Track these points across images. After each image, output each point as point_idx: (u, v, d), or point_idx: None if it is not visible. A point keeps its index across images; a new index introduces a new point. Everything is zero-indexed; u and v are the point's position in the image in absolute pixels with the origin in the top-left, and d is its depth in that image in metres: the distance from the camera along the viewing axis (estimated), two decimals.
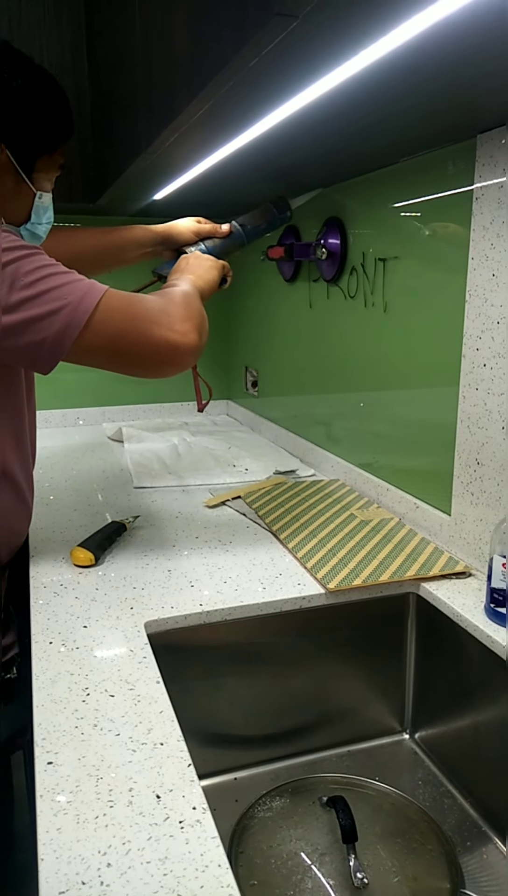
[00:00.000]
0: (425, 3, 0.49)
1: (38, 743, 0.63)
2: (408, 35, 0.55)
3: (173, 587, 0.94)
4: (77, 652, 0.78)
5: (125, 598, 0.91)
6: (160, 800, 0.57)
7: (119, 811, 0.55)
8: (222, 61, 0.60)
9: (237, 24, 0.56)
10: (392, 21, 0.52)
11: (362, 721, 1.02)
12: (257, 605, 0.91)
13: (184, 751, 0.62)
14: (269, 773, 0.96)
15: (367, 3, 0.49)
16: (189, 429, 1.90)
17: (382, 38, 0.56)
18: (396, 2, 0.48)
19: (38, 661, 0.76)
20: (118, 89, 1.17)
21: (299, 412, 1.64)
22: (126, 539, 1.11)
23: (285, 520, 1.16)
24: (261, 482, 1.39)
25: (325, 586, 0.93)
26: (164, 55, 0.84)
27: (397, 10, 0.50)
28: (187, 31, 0.72)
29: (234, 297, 2.02)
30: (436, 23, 0.52)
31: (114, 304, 0.82)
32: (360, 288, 1.28)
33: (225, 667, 0.93)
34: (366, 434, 1.32)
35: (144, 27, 0.94)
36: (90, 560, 1.00)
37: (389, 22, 0.52)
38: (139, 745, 0.63)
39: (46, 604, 0.89)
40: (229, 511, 1.25)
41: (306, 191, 1.24)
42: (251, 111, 0.77)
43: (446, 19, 0.51)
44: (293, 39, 0.54)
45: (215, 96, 0.68)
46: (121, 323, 0.82)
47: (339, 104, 0.74)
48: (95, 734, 0.64)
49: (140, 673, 0.74)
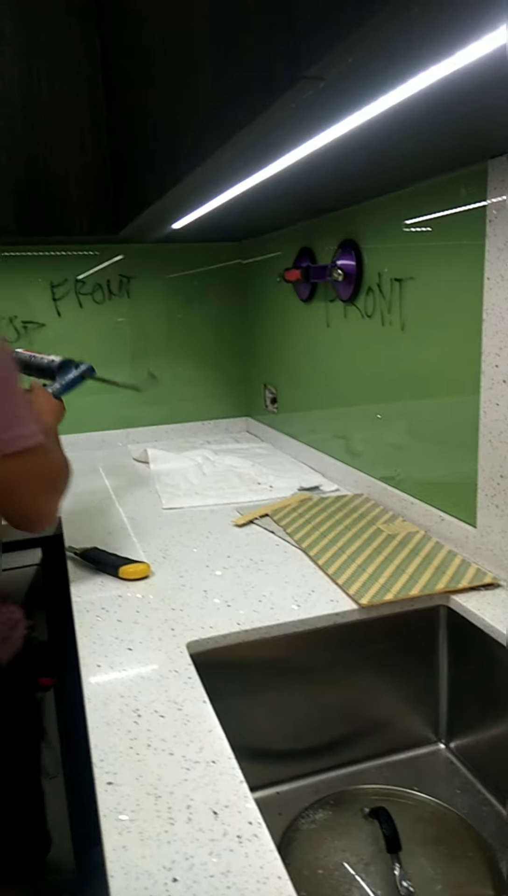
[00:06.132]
0: (444, 54, 0.52)
1: (97, 764, 0.66)
2: (428, 81, 0.58)
3: (211, 607, 0.97)
4: (125, 674, 0.81)
5: (165, 619, 0.94)
6: (217, 816, 0.60)
7: (180, 828, 0.59)
8: (250, 116, 0.64)
9: (265, 83, 0.60)
10: (415, 68, 0.55)
11: (397, 732, 1.04)
12: (293, 623, 0.94)
13: (235, 768, 0.65)
14: (310, 787, 0.99)
15: (388, 57, 0.52)
16: (211, 447, 1.94)
17: (401, 85, 0.59)
18: (417, 53, 0.52)
19: (88, 685, 0.79)
20: (138, 127, 1.22)
21: (318, 427, 1.67)
22: (161, 563, 1.14)
23: (314, 536, 1.19)
24: (286, 499, 1.42)
25: (358, 602, 0.96)
26: (187, 99, 0.88)
27: (418, 60, 0.54)
28: (212, 80, 0.76)
29: (252, 317, 2.06)
30: (454, 71, 0.56)
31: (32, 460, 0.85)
32: (377, 307, 1.31)
33: (264, 683, 0.96)
34: (386, 447, 1.35)
35: (164, 64, 0.99)
36: (145, 571, 1.06)
37: (411, 70, 0.56)
38: (192, 763, 0.66)
39: (91, 627, 0.93)
40: (257, 529, 1.28)
41: (323, 213, 1.28)
42: (275, 152, 0.81)
43: (460, 70, 0.55)
44: (319, 94, 0.58)
45: (242, 144, 0.72)
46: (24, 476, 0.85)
47: (357, 140, 0.78)
48: (150, 754, 0.68)
49: (187, 693, 0.77)
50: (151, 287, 2.01)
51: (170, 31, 0.92)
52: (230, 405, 2.19)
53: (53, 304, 1.92)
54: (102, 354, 2.00)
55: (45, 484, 0.89)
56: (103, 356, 2.00)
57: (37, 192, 1.55)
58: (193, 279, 2.04)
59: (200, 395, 2.14)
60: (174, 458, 1.79)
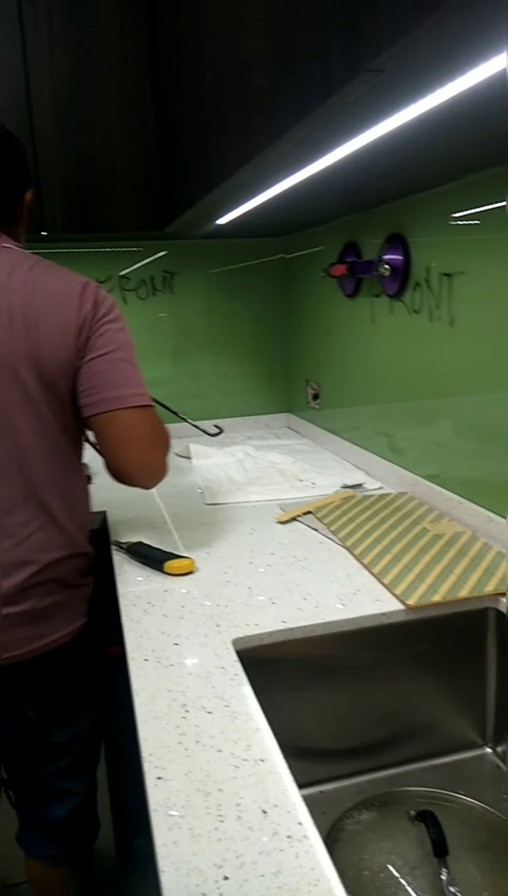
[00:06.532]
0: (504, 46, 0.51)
1: (146, 758, 0.67)
2: (488, 72, 0.57)
3: (255, 604, 0.97)
4: (172, 669, 0.82)
5: (211, 615, 0.95)
6: (267, 815, 0.60)
7: (229, 826, 0.59)
8: (307, 109, 0.63)
9: (324, 75, 0.59)
10: (475, 60, 0.54)
11: (443, 735, 1.03)
12: (338, 622, 0.93)
13: (284, 767, 0.65)
14: (353, 787, 0.98)
15: (449, 50, 0.51)
16: (252, 443, 1.94)
17: (460, 77, 0.58)
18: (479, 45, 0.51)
19: (136, 679, 0.80)
20: (186, 124, 1.22)
21: (361, 424, 1.65)
22: (205, 559, 1.15)
23: (358, 535, 1.18)
24: (329, 496, 1.41)
25: (404, 602, 0.95)
26: (239, 95, 0.87)
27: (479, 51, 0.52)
28: (267, 74, 0.75)
29: (294, 312, 2.05)
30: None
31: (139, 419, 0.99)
32: (424, 302, 1.29)
33: (308, 681, 0.96)
34: (430, 445, 1.33)
35: (215, 59, 0.98)
36: (190, 566, 1.08)
37: (471, 61, 0.54)
38: (241, 761, 0.66)
39: (138, 621, 0.94)
40: (300, 526, 1.28)
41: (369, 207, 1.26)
42: (326, 146, 0.80)
43: None
44: (378, 86, 0.57)
45: (296, 139, 0.71)
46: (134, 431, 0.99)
47: (410, 133, 0.76)
48: (198, 750, 0.68)
49: (233, 690, 0.77)
50: (194, 283, 2.02)
51: (222, 25, 0.92)
52: (271, 401, 2.19)
53: None
54: (144, 350, 2.01)
55: (157, 438, 1.02)
56: (145, 352, 2.01)
57: (85, 189, 1.57)
58: (234, 274, 2.04)
59: (240, 390, 2.14)
60: (216, 453, 1.80)
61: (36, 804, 1.16)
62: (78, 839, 1.20)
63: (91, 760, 1.17)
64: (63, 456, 1.00)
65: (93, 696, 1.14)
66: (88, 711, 1.12)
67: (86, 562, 1.09)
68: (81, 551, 1.05)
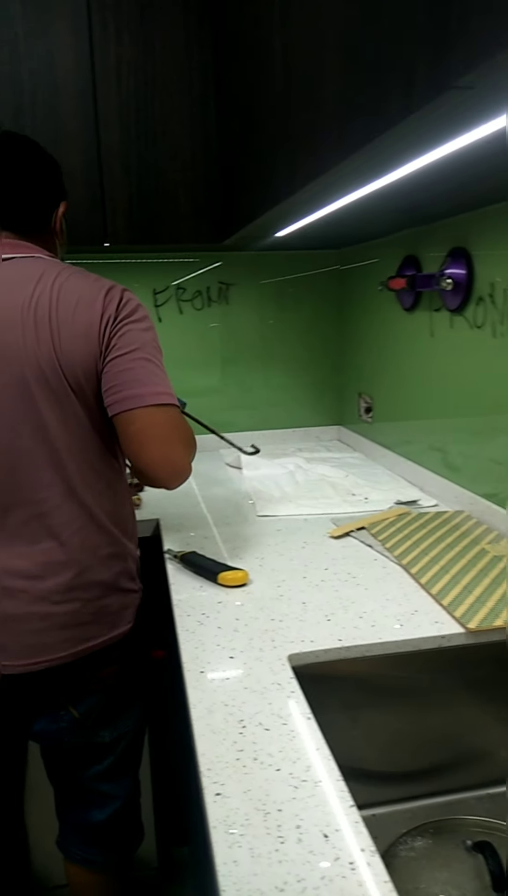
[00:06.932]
0: None
1: (204, 773, 0.67)
2: None
3: (311, 620, 0.96)
4: (228, 683, 0.81)
5: (265, 629, 0.94)
6: (328, 839, 0.59)
7: (290, 848, 0.58)
8: (386, 125, 0.62)
9: (406, 91, 0.58)
10: None
11: (502, 763, 1.00)
12: (396, 643, 0.91)
13: (344, 790, 0.64)
14: (406, 812, 0.96)
15: None
16: (303, 455, 1.93)
17: None
18: None
19: (192, 690, 0.80)
20: (251, 137, 1.23)
21: (415, 438, 1.63)
22: (258, 571, 1.14)
23: (414, 553, 1.16)
24: (384, 512, 1.39)
25: (465, 626, 0.92)
26: (309, 109, 0.88)
27: None
28: (342, 89, 0.75)
29: (348, 325, 2.04)
30: None
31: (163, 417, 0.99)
32: (488, 318, 1.27)
33: (363, 701, 0.94)
34: (488, 462, 1.30)
35: (286, 79, 0.99)
36: (244, 578, 1.07)
37: None
38: (300, 781, 0.65)
39: (193, 632, 0.94)
40: (353, 542, 1.26)
41: (431, 220, 1.25)
42: (399, 160, 0.79)
43: None
44: (463, 101, 0.56)
45: (369, 154, 0.70)
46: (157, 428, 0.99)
47: (486, 147, 0.75)
48: (257, 768, 0.67)
49: (291, 707, 0.76)
50: (247, 293, 2.03)
51: (296, 39, 0.92)
52: (322, 413, 2.17)
53: (155, 311, 1.97)
54: (194, 360, 2.03)
55: (180, 437, 1.01)
56: (194, 361, 2.03)
57: (147, 202, 1.60)
58: (288, 286, 2.04)
59: (290, 402, 2.14)
60: (266, 464, 1.79)
61: (77, 808, 1.17)
62: (118, 845, 1.20)
63: (132, 763, 1.18)
64: (97, 457, 1.01)
65: (136, 698, 1.15)
66: (132, 712, 1.14)
67: (133, 566, 1.10)
68: (125, 554, 1.07)
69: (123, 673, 1.10)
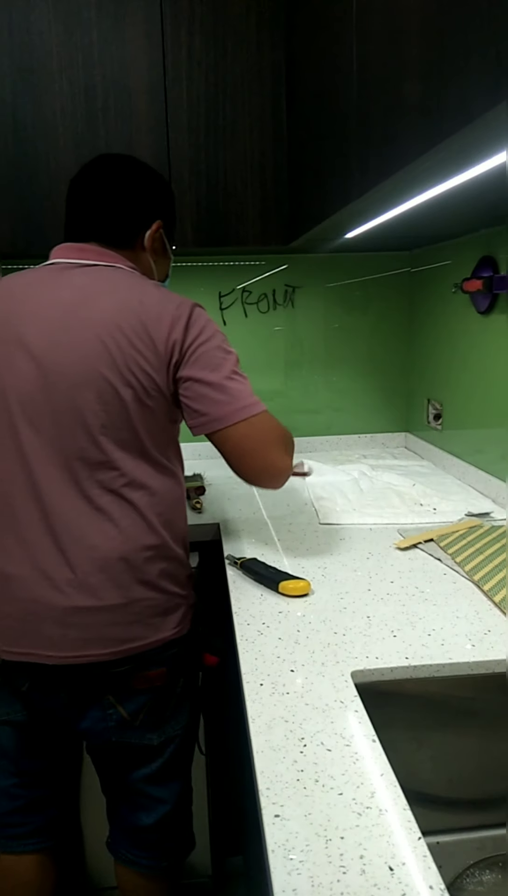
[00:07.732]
0: None
1: (263, 792, 0.64)
2: None
3: (375, 635, 0.93)
4: (288, 697, 0.79)
5: (328, 643, 0.91)
6: (394, 873, 0.55)
7: (353, 879, 0.55)
8: (470, 117, 0.59)
9: (495, 81, 0.55)
10: None
11: None
12: (468, 664, 0.86)
13: (412, 821, 0.60)
14: (474, 842, 0.91)
15: None
16: (368, 462, 1.88)
17: None
18: None
19: (251, 704, 0.78)
20: (322, 137, 1.20)
21: (487, 447, 1.56)
22: (320, 581, 1.11)
23: (487, 569, 1.10)
24: (454, 524, 1.34)
25: None
26: (386, 107, 0.84)
27: None
28: (423, 84, 0.72)
29: (417, 328, 1.99)
30: None
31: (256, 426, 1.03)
32: None
33: (430, 723, 0.90)
34: None
35: (361, 78, 0.96)
36: (306, 588, 1.05)
37: None
38: (364, 808, 0.62)
39: (252, 642, 0.91)
40: (421, 555, 1.21)
41: None
42: (479, 156, 0.75)
43: None
44: None
45: (450, 150, 0.67)
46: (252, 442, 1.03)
47: None
48: (318, 790, 0.64)
49: (354, 728, 0.73)
50: (313, 296, 2.00)
51: (373, 34, 0.89)
52: (388, 419, 2.12)
53: (220, 314, 1.96)
54: (257, 362, 2.02)
55: (275, 441, 1.04)
56: (258, 364, 2.02)
57: (215, 205, 1.59)
58: (355, 289, 2.00)
59: (356, 406, 2.10)
60: (330, 471, 1.76)
61: (125, 810, 1.17)
62: (167, 851, 1.19)
63: (181, 769, 1.17)
64: (150, 460, 1.03)
65: (187, 703, 1.14)
66: (180, 717, 1.13)
67: (180, 570, 1.09)
68: (171, 555, 1.07)
69: (172, 676, 1.09)
